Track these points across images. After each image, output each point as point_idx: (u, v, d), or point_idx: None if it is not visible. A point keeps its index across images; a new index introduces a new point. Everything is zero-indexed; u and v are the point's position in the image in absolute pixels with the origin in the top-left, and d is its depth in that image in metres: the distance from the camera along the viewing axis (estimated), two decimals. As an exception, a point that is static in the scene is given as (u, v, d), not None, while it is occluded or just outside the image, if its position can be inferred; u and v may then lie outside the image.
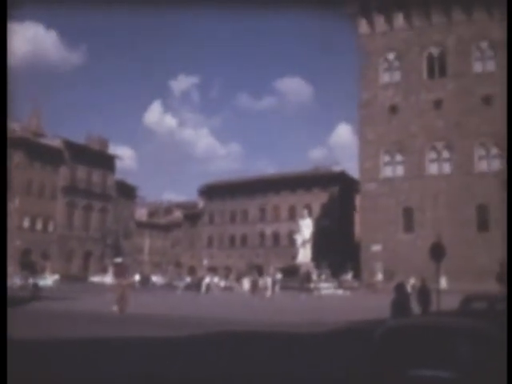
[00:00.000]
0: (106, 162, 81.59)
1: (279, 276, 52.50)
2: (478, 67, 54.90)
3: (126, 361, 12.65)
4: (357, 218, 70.76)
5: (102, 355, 13.28)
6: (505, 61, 52.95)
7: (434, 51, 56.28)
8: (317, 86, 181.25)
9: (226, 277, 69.49)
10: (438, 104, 55.04)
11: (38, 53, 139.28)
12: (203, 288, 49.02)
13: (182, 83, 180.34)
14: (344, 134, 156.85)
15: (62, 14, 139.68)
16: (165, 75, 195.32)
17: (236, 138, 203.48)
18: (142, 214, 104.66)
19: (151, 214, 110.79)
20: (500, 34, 53.40)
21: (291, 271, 54.11)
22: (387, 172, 56.76)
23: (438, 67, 56.13)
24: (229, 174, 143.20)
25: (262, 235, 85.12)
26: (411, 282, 41.01)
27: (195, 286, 53.44)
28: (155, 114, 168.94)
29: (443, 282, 41.25)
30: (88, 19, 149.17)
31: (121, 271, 33.90)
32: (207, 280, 51.44)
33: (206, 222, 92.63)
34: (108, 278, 61.38)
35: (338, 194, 79.11)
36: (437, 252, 21.86)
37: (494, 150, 53.03)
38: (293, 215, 77.80)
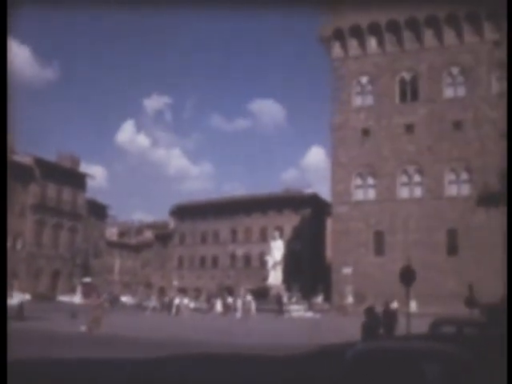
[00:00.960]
0: (77, 180, 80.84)
1: (249, 298, 52.29)
2: (449, 92, 55.61)
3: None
4: (328, 240, 70.85)
5: (78, 377, 13.04)
6: (475, 86, 53.91)
7: (406, 76, 56.91)
8: (290, 109, 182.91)
9: (196, 298, 68.99)
10: (409, 128, 55.55)
11: (11, 68, 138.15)
12: (173, 309, 48.58)
13: (155, 102, 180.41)
14: (317, 156, 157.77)
15: (36, 29, 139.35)
16: (139, 94, 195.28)
17: (208, 159, 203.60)
18: (112, 233, 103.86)
19: (122, 234, 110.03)
20: (470, 60, 54.31)
21: (262, 293, 53.94)
22: (359, 195, 56.99)
23: (409, 92, 56.74)
24: (200, 195, 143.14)
25: (233, 256, 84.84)
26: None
27: (165, 306, 52.98)
28: (128, 133, 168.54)
29: (413, 306, 41.30)
30: (61, 35, 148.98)
31: (89, 291, 33.57)
32: (177, 301, 50.97)
33: (176, 243, 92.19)
34: (76, 298, 60.67)
35: (309, 216, 79.24)
36: (407, 275, 21.86)
37: (464, 175, 53.61)
38: (264, 237, 77.71)
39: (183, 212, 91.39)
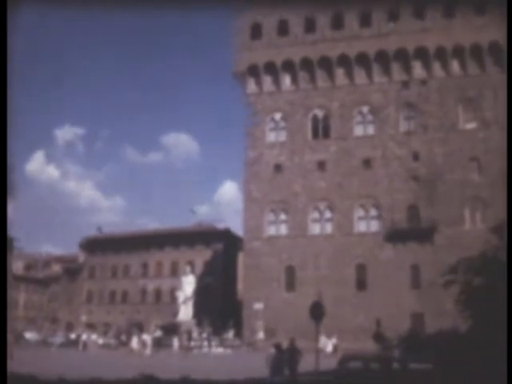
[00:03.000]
0: (-18, 211, 78.04)
1: (159, 333, 51.40)
2: (359, 130, 56.90)
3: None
4: (240, 275, 70.67)
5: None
6: (383, 125, 55.46)
7: (319, 113, 57.91)
8: (203, 143, 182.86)
9: (105, 334, 67.35)
10: (321, 165, 56.39)
11: None
12: (80, 345, 47.23)
13: (67, 133, 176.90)
14: (230, 191, 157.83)
15: None
16: (49, 124, 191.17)
17: (120, 192, 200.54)
18: (18, 266, 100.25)
19: (28, 267, 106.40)
20: (380, 99, 55.90)
21: (172, 329, 53.13)
22: (271, 230, 57.19)
23: (322, 129, 57.70)
24: (112, 228, 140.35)
25: (144, 291, 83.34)
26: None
27: (72, 343, 51.48)
28: (37, 164, 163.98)
29: (323, 342, 41.56)
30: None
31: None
32: (84, 337, 49.57)
33: (85, 277, 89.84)
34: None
35: (221, 251, 78.90)
36: (317, 311, 21.83)
37: (373, 212, 54.72)
38: (175, 272, 76.81)
39: (93, 245, 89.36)
